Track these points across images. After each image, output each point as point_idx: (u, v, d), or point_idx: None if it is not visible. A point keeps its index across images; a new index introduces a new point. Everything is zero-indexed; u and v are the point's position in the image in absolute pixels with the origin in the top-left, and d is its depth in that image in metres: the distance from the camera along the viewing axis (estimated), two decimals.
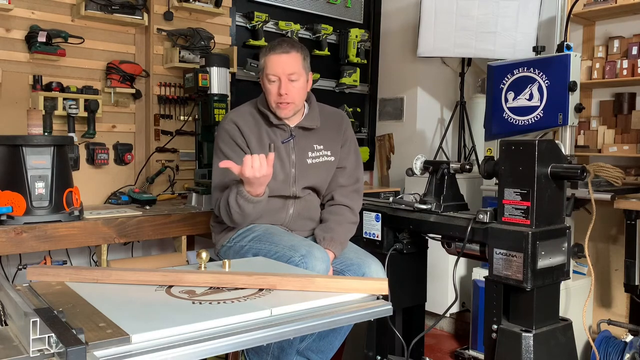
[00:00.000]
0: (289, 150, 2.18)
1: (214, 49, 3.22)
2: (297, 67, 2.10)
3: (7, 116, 2.67)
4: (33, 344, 1.04)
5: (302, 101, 2.18)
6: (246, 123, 2.16)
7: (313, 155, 2.21)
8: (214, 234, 2.29)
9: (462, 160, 3.85)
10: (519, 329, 1.87)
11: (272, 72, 2.09)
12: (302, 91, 2.15)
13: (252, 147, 2.13)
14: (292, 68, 2.08)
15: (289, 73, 2.08)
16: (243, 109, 2.23)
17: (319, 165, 2.22)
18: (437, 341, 3.41)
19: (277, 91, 2.09)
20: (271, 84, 2.10)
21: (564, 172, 1.85)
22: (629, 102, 3.27)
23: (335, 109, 2.38)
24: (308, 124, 2.20)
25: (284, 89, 2.08)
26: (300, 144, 2.20)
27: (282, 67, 2.08)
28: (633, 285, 2.65)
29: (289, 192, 2.18)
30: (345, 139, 2.30)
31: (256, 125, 2.17)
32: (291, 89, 2.09)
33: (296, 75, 2.09)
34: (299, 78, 2.11)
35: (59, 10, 2.83)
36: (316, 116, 2.23)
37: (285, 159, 2.17)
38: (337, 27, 4.04)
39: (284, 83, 2.08)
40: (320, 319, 1.30)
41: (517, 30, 3.50)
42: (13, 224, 2.15)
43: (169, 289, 1.46)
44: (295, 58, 2.10)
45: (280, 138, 2.17)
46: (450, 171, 2.25)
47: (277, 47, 2.10)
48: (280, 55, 2.08)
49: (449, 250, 2.23)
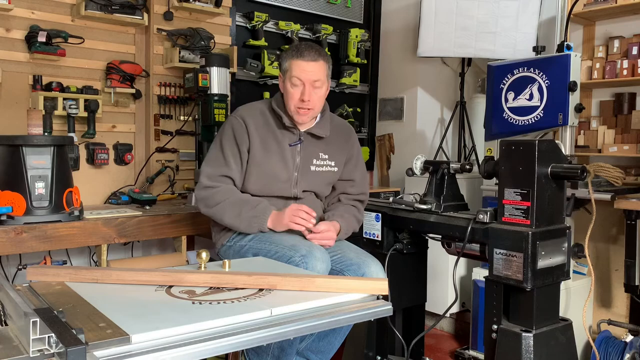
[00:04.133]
0: (295, 154, 2.19)
1: (214, 49, 3.22)
2: (322, 75, 2.11)
3: (7, 116, 2.67)
4: (33, 344, 1.04)
5: (320, 108, 2.19)
6: (255, 121, 2.16)
7: (317, 163, 2.23)
8: (214, 233, 2.29)
9: (462, 160, 3.85)
10: (519, 329, 1.87)
11: (298, 76, 2.08)
12: (322, 99, 2.16)
13: (254, 147, 2.14)
14: (318, 75, 2.09)
15: (314, 80, 2.09)
16: (255, 106, 2.24)
17: (322, 174, 2.24)
18: (437, 341, 3.41)
19: (299, 96, 2.09)
20: (294, 87, 2.10)
21: (564, 172, 1.85)
22: (629, 102, 3.27)
23: (345, 122, 2.41)
24: (318, 131, 2.21)
25: (307, 95, 2.08)
26: (307, 149, 2.21)
27: (309, 74, 2.08)
28: (633, 285, 2.65)
29: (290, 193, 2.20)
30: (352, 154, 2.32)
31: (265, 125, 2.18)
32: (314, 95, 2.10)
33: (320, 82, 2.10)
34: (322, 86, 2.12)
35: (59, 10, 2.83)
36: (327, 125, 2.24)
37: (289, 160, 2.18)
38: (337, 27, 4.04)
39: (308, 89, 2.08)
40: (320, 319, 1.30)
41: (517, 30, 3.50)
42: (13, 224, 2.15)
43: (169, 289, 1.46)
44: (322, 67, 2.11)
45: (289, 141, 2.18)
46: (450, 171, 2.25)
47: (305, 54, 2.09)
48: (308, 63, 2.08)
49: (449, 250, 2.23)
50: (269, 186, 2.17)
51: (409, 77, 4.16)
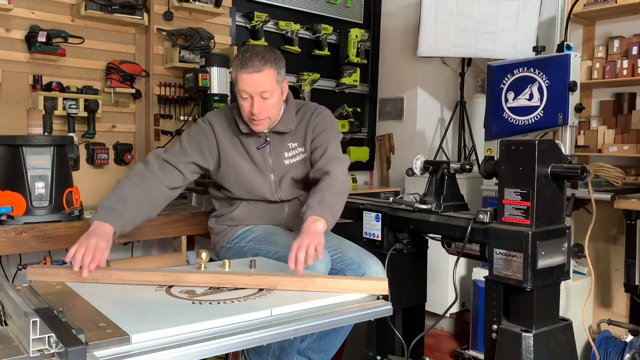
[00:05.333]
0: (265, 155, 2.14)
1: (214, 49, 3.21)
2: (270, 84, 1.99)
3: (7, 116, 2.67)
4: (33, 344, 1.04)
5: (277, 114, 2.10)
6: (222, 127, 2.13)
7: (289, 155, 2.17)
8: (213, 235, 2.29)
9: (462, 160, 3.86)
10: (519, 329, 1.87)
11: (243, 89, 1.98)
12: (276, 106, 2.07)
13: (225, 150, 2.12)
14: (265, 86, 1.98)
15: (261, 91, 1.98)
16: (222, 113, 2.20)
17: (297, 164, 2.18)
18: (437, 341, 3.41)
19: (249, 109, 2.01)
20: (244, 100, 2.01)
21: (564, 172, 1.85)
22: (629, 102, 3.27)
23: (310, 103, 2.27)
24: (282, 128, 2.14)
25: (256, 108, 1.99)
26: (276, 148, 2.15)
27: (254, 87, 1.97)
28: (633, 285, 2.65)
29: (275, 197, 2.16)
30: (315, 126, 2.16)
31: (231, 130, 2.14)
32: (264, 106, 2.00)
33: (269, 92, 1.99)
34: (272, 95, 2.01)
35: (59, 10, 2.83)
36: (292, 118, 2.16)
37: (262, 164, 2.14)
38: (337, 27, 4.04)
39: (257, 102, 1.98)
40: (320, 319, 1.30)
41: (517, 30, 3.50)
42: (13, 224, 2.15)
43: (169, 289, 1.46)
44: (267, 75, 1.97)
45: (255, 144, 2.13)
46: (450, 171, 2.25)
47: (247, 65, 1.96)
48: (251, 75, 1.96)
49: (449, 250, 2.23)
50: (250, 190, 2.15)
51: (409, 77, 4.16)
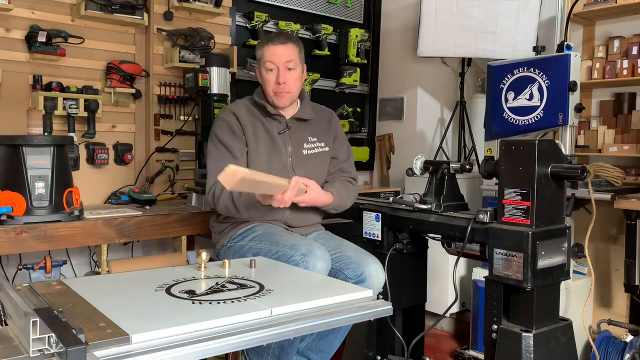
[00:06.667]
0: (286, 141, 2.24)
1: (214, 48, 3.21)
2: (294, 56, 2.20)
3: (7, 116, 2.67)
4: (33, 344, 1.04)
5: (298, 91, 2.26)
6: (243, 114, 2.23)
7: (308, 147, 2.29)
8: (214, 234, 2.29)
9: (462, 160, 3.85)
10: (519, 329, 1.87)
11: (270, 60, 2.17)
12: (298, 81, 2.24)
13: (248, 138, 2.19)
14: (290, 56, 2.18)
15: (286, 61, 2.17)
16: (239, 103, 2.32)
17: (315, 156, 2.29)
18: (437, 341, 3.41)
19: (275, 80, 2.17)
20: (269, 72, 2.18)
21: (564, 172, 1.85)
22: (629, 102, 3.27)
23: (324, 107, 2.46)
24: (303, 115, 2.29)
25: (282, 78, 2.16)
26: (296, 135, 2.27)
27: (280, 57, 2.17)
28: (633, 285, 2.65)
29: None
30: (337, 134, 2.39)
31: (252, 116, 2.24)
32: (289, 77, 2.18)
33: (293, 63, 2.18)
34: (295, 67, 2.20)
35: (59, 10, 2.83)
36: (309, 109, 2.33)
37: (282, 148, 2.23)
38: (337, 27, 4.04)
39: (282, 72, 2.17)
40: (320, 319, 1.30)
41: (517, 30, 3.50)
42: (13, 224, 2.15)
43: (169, 289, 1.46)
44: (292, 49, 2.20)
45: (277, 129, 2.24)
46: (450, 171, 2.25)
47: (274, 39, 2.20)
48: (278, 46, 2.17)
49: (449, 250, 2.23)
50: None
51: (409, 77, 4.16)
